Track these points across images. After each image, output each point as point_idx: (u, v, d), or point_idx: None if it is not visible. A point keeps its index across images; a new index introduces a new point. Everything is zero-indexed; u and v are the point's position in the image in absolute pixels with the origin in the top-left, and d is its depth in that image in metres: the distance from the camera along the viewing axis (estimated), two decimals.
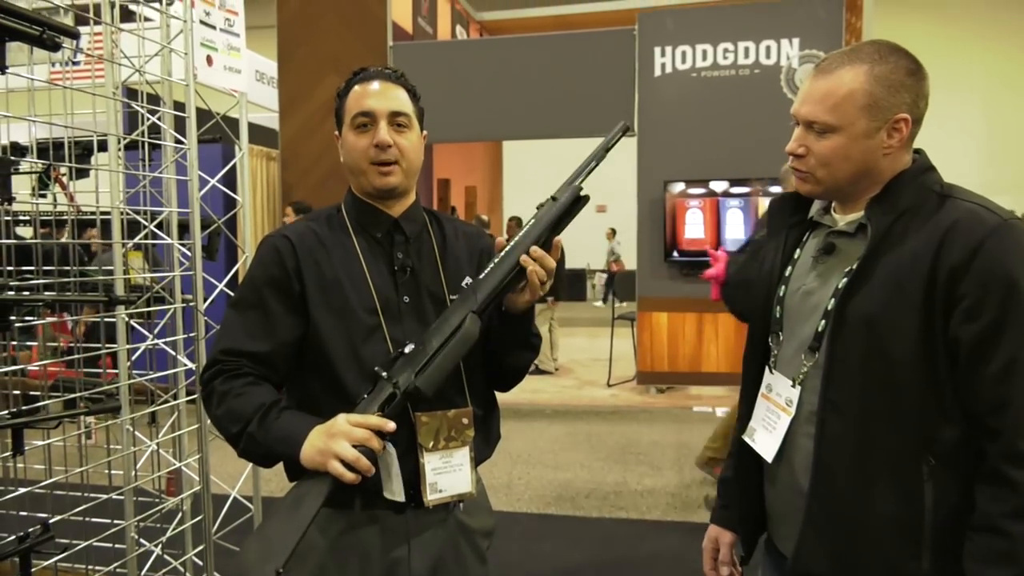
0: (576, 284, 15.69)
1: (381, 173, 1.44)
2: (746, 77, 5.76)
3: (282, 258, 1.44)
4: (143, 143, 2.73)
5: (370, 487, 1.33)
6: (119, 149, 2.60)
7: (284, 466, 1.36)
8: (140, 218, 2.73)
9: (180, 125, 2.80)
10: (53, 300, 2.18)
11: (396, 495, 1.36)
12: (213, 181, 2.95)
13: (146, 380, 2.77)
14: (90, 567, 2.53)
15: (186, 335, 2.85)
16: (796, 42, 5.65)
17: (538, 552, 3.66)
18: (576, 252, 13.60)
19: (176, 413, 2.85)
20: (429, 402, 1.33)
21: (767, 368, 1.41)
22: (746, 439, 1.44)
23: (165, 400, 2.82)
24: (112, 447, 2.63)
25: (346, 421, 1.25)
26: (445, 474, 1.41)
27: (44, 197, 2.87)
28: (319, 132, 6.04)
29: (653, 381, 6.64)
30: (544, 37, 6.60)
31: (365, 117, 1.43)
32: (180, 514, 2.84)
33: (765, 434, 1.39)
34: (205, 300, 2.84)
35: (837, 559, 1.26)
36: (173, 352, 2.84)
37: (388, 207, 1.50)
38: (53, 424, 2.04)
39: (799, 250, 1.40)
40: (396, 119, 1.44)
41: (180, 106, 2.81)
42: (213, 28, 2.94)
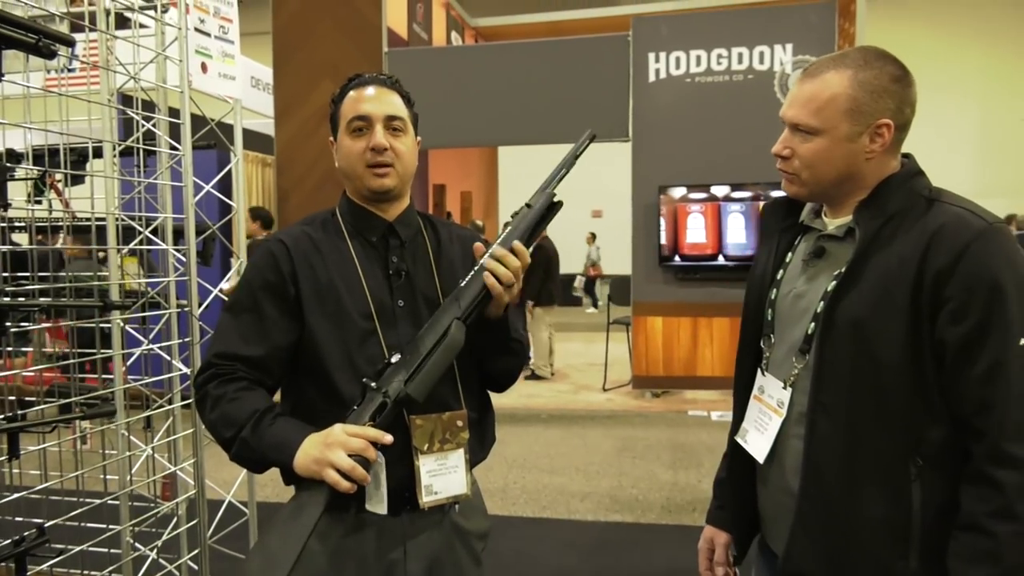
0: (570, 289, 15.72)
1: (377, 175, 1.45)
2: (740, 82, 5.79)
3: (277, 262, 1.45)
4: (138, 149, 2.74)
5: (362, 494, 1.34)
6: (114, 155, 2.61)
7: (280, 471, 1.36)
8: (135, 224, 2.74)
9: (175, 131, 2.81)
10: (48, 305, 2.19)
11: (377, 508, 1.36)
12: (208, 187, 2.96)
13: (141, 385, 2.77)
14: (85, 572, 2.53)
15: (181, 340, 2.86)
16: (789, 48, 5.68)
17: (533, 555, 3.66)
18: (572, 257, 13.64)
19: (171, 418, 2.85)
20: (422, 406, 1.34)
21: (759, 370, 1.43)
22: (738, 440, 1.45)
23: (160, 405, 2.82)
24: (107, 452, 2.63)
25: (343, 431, 1.26)
26: (440, 476, 1.42)
27: (40, 204, 2.87)
28: (314, 138, 6.05)
29: (648, 385, 6.64)
30: (539, 43, 6.61)
31: (361, 121, 1.44)
32: (175, 519, 2.84)
33: (757, 435, 1.40)
34: (200, 305, 2.85)
35: (827, 559, 1.27)
36: (168, 357, 2.84)
37: (383, 211, 1.50)
38: (49, 428, 2.05)
39: (791, 254, 1.42)
40: (391, 123, 1.46)
41: (175, 112, 2.82)
42: (208, 35, 2.96)
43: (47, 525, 2.01)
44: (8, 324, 1.94)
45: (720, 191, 5.93)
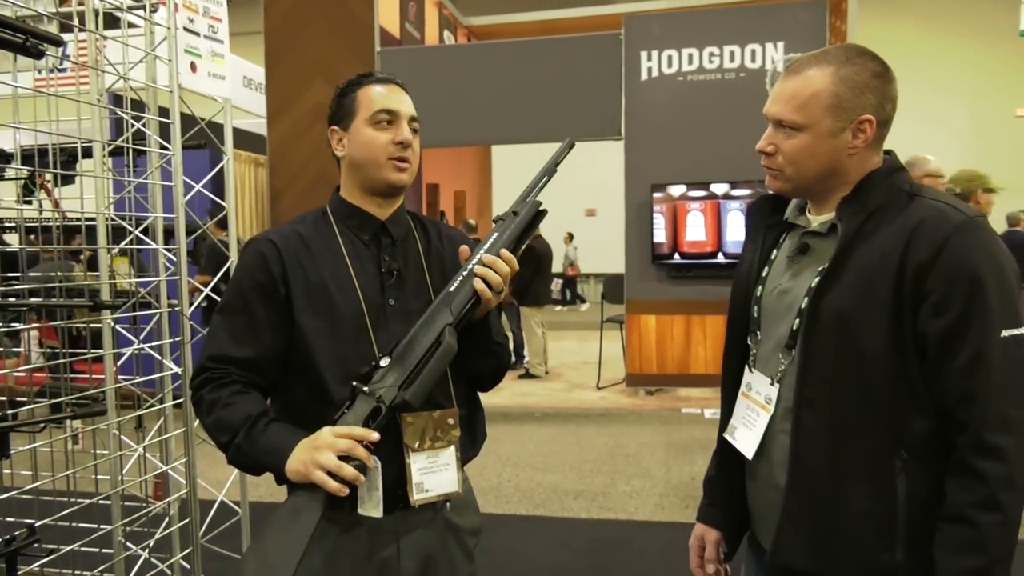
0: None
1: (398, 168, 1.46)
2: (732, 80, 5.81)
3: (267, 263, 1.45)
4: (128, 149, 2.74)
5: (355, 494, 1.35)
6: (104, 155, 2.61)
7: (274, 476, 1.37)
8: (125, 224, 2.73)
9: (165, 131, 2.81)
10: (39, 305, 2.18)
11: (372, 512, 1.37)
12: (198, 187, 2.96)
13: (132, 384, 2.77)
14: (77, 572, 2.53)
15: (172, 339, 2.86)
16: (781, 45, 5.71)
17: (526, 553, 3.67)
18: (555, 257, 13.63)
19: (163, 417, 2.85)
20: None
21: (747, 367, 1.43)
22: (727, 437, 1.46)
23: (151, 404, 2.82)
24: (99, 452, 2.63)
25: (330, 433, 1.27)
26: (431, 474, 1.42)
27: (29, 204, 2.87)
28: (307, 138, 6.04)
29: (642, 383, 6.67)
30: (531, 42, 6.62)
31: (388, 115, 1.46)
32: (167, 518, 2.84)
33: (745, 431, 1.41)
34: (190, 305, 2.85)
35: (814, 552, 1.28)
36: (159, 357, 2.84)
37: (377, 209, 1.51)
38: (39, 428, 2.04)
39: (776, 251, 1.43)
40: (412, 123, 1.49)
41: (165, 112, 2.82)
42: (197, 35, 2.95)
43: (38, 525, 2.00)
44: None
45: (719, 189, 5.95)
